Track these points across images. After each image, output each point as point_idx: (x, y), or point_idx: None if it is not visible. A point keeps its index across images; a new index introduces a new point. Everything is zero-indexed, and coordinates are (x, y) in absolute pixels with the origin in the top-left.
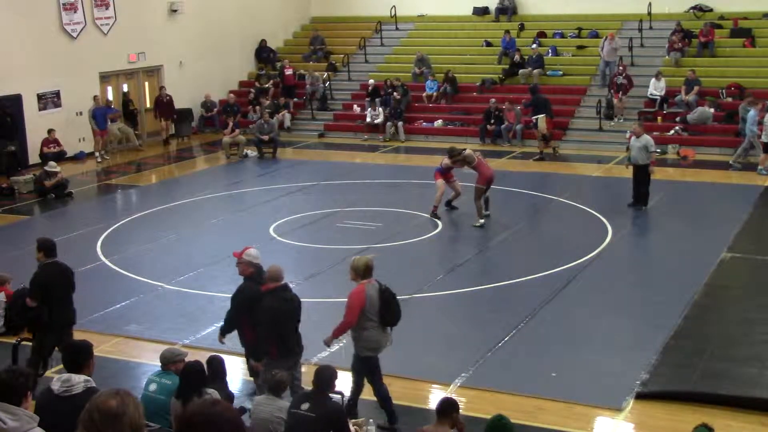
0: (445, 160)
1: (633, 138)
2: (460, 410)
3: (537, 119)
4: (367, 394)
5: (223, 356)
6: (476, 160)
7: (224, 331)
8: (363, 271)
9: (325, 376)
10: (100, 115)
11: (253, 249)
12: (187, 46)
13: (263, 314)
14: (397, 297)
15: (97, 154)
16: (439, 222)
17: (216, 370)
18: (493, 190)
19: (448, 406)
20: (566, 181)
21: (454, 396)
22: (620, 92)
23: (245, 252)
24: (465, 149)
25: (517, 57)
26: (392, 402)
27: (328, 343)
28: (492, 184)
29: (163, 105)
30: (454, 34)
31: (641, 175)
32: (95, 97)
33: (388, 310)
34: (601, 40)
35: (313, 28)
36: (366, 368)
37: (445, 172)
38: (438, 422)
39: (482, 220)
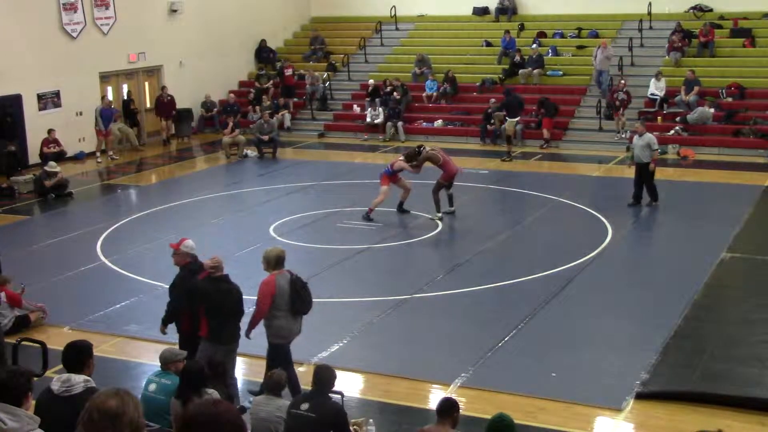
0: (399, 163)
1: (636, 137)
2: (460, 410)
3: (506, 121)
4: (368, 393)
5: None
6: (441, 158)
7: (165, 322)
8: (274, 262)
9: (324, 377)
10: (106, 116)
11: (190, 240)
12: (187, 46)
13: (200, 298)
14: (308, 286)
15: (98, 154)
16: (439, 222)
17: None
18: (493, 190)
19: (448, 406)
20: (566, 181)
21: (454, 396)
22: (621, 109)
23: (182, 243)
24: (423, 147)
25: (517, 57)
26: (300, 388)
27: (248, 335)
28: (454, 181)
29: (164, 105)
30: (454, 34)
31: (645, 173)
32: (103, 98)
33: (299, 299)
34: (594, 49)
35: (313, 28)
36: (278, 356)
37: (392, 175)
38: (439, 422)
39: (440, 215)
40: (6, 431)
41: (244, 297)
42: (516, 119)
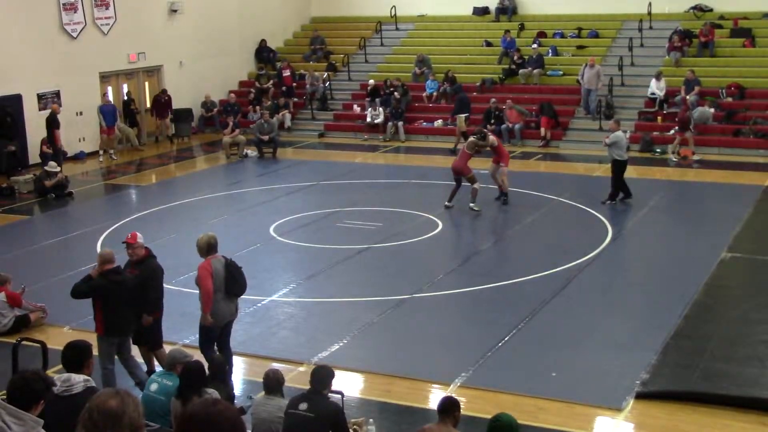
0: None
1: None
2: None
3: (457, 118)
4: (368, 393)
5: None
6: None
7: (152, 310)
8: (206, 249)
9: (322, 376)
10: (108, 113)
11: (138, 233)
12: (187, 46)
13: (93, 292)
14: (242, 268)
15: (100, 152)
16: (439, 222)
17: (216, 370)
18: (493, 190)
19: (449, 405)
20: (566, 181)
21: (454, 396)
22: (688, 126)
23: (135, 237)
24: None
25: (516, 56)
26: (227, 374)
27: (205, 322)
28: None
29: (161, 105)
30: (454, 34)
31: (616, 170)
32: (104, 95)
33: (234, 282)
34: (581, 67)
35: (313, 28)
36: (207, 337)
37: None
38: (440, 421)
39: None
40: None
41: (242, 297)
42: (465, 115)
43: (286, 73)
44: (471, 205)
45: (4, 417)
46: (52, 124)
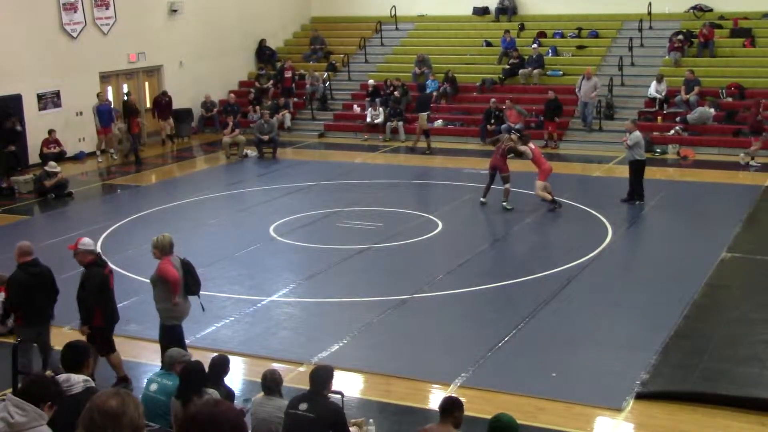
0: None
1: (627, 134)
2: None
3: (419, 116)
4: (368, 393)
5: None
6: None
7: (87, 320)
8: (169, 248)
9: (321, 376)
10: (104, 112)
11: (86, 238)
12: (187, 46)
13: (14, 286)
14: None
15: (98, 153)
16: (439, 222)
17: (216, 370)
18: (492, 190)
19: (450, 405)
20: (566, 181)
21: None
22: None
23: (79, 243)
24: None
25: (515, 55)
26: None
27: (173, 302)
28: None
29: (162, 106)
30: (454, 34)
31: (634, 170)
32: (99, 94)
33: (192, 280)
34: (578, 79)
35: (313, 28)
36: (173, 337)
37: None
38: (441, 421)
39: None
40: (12, 424)
41: (242, 297)
42: (426, 113)
43: (288, 73)
44: (503, 204)
45: (8, 407)
46: (131, 111)
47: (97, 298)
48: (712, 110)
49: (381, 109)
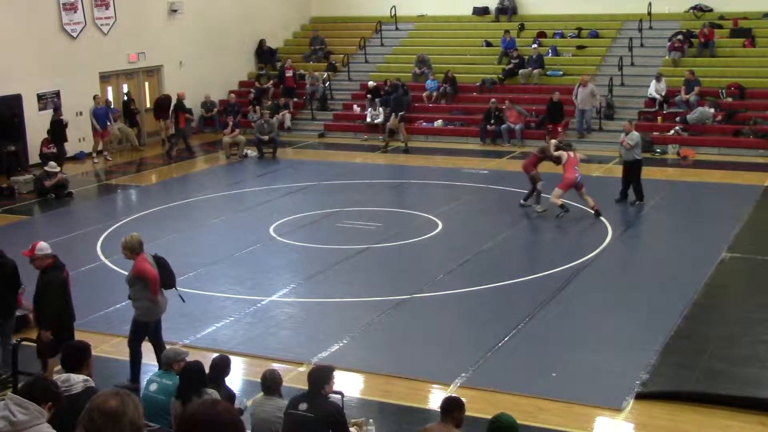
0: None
1: (623, 135)
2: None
3: (392, 116)
4: (368, 393)
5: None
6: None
7: (48, 325)
8: (139, 246)
9: (319, 376)
10: (101, 115)
11: (42, 243)
12: (187, 46)
13: None
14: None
15: (94, 155)
16: (439, 222)
17: (217, 370)
18: (492, 190)
19: (450, 405)
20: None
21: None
22: None
23: (35, 248)
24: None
25: (515, 55)
26: (140, 366)
27: (155, 304)
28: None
29: (162, 107)
30: (454, 34)
31: (632, 171)
32: (95, 97)
33: (167, 275)
34: (575, 87)
35: (313, 28)
36: (143, 333)
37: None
38: (442, 421)
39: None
40: (14, 423)
41: (242, 297)
42: (401, 114)
43: (290, 73)
44: (535, 207)
45: (10, 406)
46: (180, 107)
47: (60, 302)
48: (712, 110)
49: (381, 109)
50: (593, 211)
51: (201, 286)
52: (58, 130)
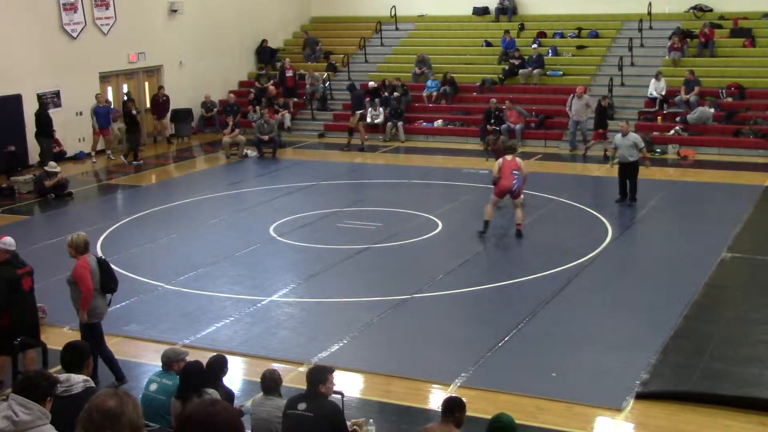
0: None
1: (619, 136)
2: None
3: (353, 115)
4: (368, 393)
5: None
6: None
7: None
8: (84, 247)
9: (316, 376)
10: (102, 114)
11: (8, 237)
12: (187, 46)
13: None
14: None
15: (92, 154)
16: (439, 222)
17: (213, 370)
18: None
19: (451, 405)
20: (566, 181)
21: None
22: None
23: (0, 240)
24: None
25: (515, 55)
26: (117, 363)
27: (84, 320)
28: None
29: (159, 105)
30: (454, 34)
31: (629, 172)
32: (97, 96)
33: (110, 278)
34: (569, 98)
35: (311, 28)
36: (94, 335)
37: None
38: (442, 421)
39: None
40: (16, 423)
41: (242, 297)
42: (359, 112)
43: (290, 72)
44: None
45: (13, 406)
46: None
47: (5, 298)
48: (712, 110)
49: (381, 109)
50: (516, 229)
51: (201, 286)
52: (44, 124)
